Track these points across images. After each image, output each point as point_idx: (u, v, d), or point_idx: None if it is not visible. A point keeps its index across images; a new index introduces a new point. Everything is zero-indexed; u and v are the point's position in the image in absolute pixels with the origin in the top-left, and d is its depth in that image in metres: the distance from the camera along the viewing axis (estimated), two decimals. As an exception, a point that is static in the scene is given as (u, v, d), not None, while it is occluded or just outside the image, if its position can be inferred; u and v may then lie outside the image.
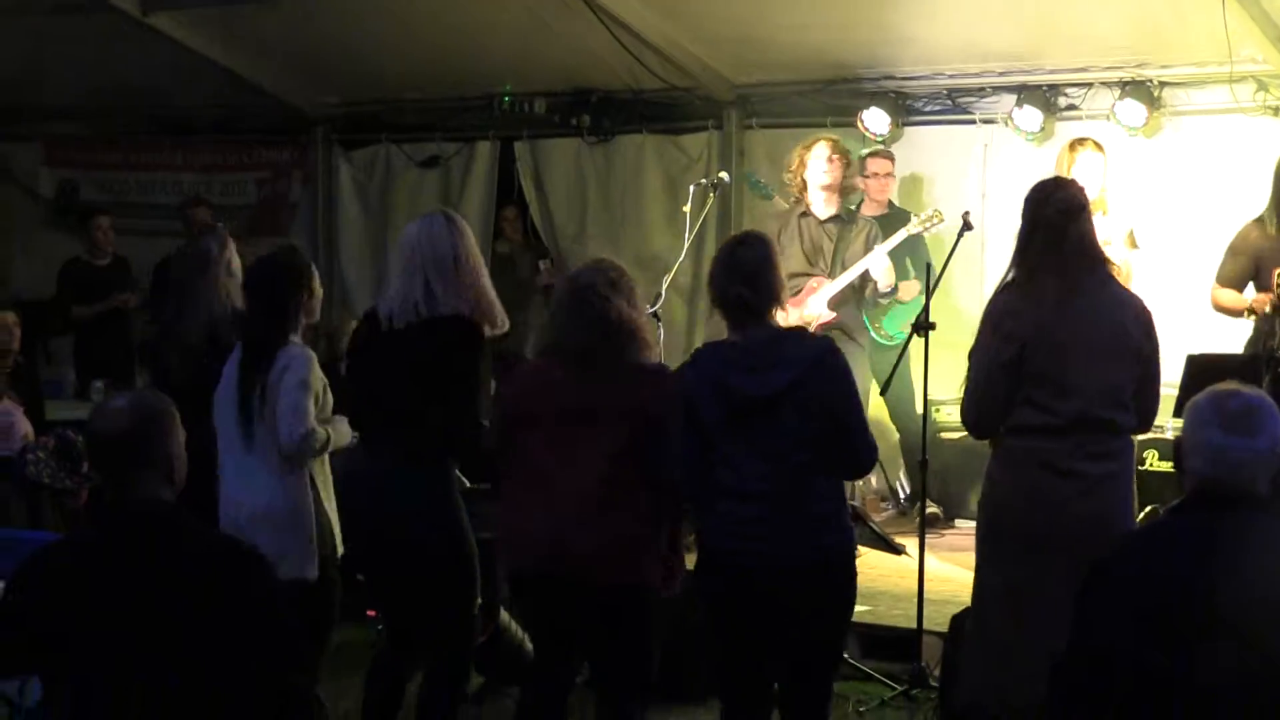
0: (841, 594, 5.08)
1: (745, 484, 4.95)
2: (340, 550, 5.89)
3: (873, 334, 9.11)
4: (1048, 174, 9.18)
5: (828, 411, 4.92)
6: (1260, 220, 7.47)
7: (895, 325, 9.06)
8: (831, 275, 8.45)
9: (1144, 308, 5.45)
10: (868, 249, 8.48)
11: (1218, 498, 3.54)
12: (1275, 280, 7.18)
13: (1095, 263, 5.38)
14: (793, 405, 4.90)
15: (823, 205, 8.58)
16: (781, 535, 4.91)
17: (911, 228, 8.58)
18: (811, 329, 7.88)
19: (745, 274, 5.02)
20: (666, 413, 5.09)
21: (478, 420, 5.56)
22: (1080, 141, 8.24)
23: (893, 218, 9.27)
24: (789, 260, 8.38)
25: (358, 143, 12.23)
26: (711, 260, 5.24)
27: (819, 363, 4.94)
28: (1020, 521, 5.29)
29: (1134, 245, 8.04)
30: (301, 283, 5.91)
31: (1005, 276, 5.51)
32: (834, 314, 8.43)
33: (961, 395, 5.52)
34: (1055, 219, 5.31)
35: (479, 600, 5.83)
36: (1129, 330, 5.30)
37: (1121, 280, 7.34)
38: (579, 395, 5.18)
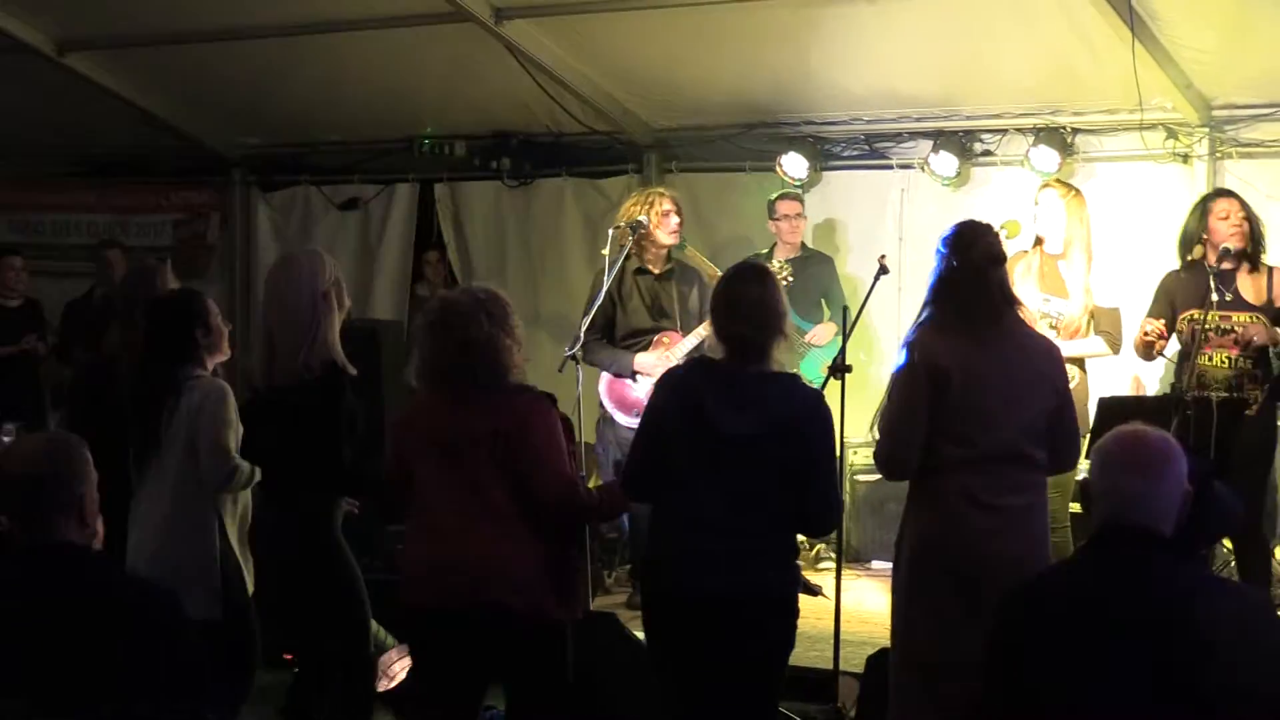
0: (786, 631, 5.12)
1: (706, 516, 4.97)
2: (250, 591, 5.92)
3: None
4: (964, 217, 9.38)
5: (804, 461, 4.96)
6: (1174, 271, 7.60)
7: (812, 370, 9.12)
8: (683, 329, 8.44)
9: (1054, 347, 5.59)
10: (703, 299, 8.38)
11: (1125, 536, 3.60)
12: (1179, 326, 7.32)
13: (1011, 306, 5.47)
14: (771, 449, 4.93)
15: (657, 254, 8.54)
16: (736, 570, 4.93)
17: None
18: None
19: (747, 310, 5.05)
20: (539, 433, 5.12)
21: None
22: (1046, 183, 8.25)
23: (806, 260, 9.35)
24: (636, 318, 8.44)
25: (276, 184, 12.22)
26: (711, 295, 5.27)
27: (810, 416, 4.99)
28: (946, 556, 5.33)
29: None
30: (196, 317, 5.93)
31: (919, 316, 5.57)
32: None
33: (874, 436, 5.58)
34: (980, 263, 5.38)
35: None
36: (1045, 367, 5.39)
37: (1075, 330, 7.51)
38: (452, 423, 5.17)
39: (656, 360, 8.17)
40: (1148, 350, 7.46)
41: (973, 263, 5.38)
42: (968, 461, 5.29)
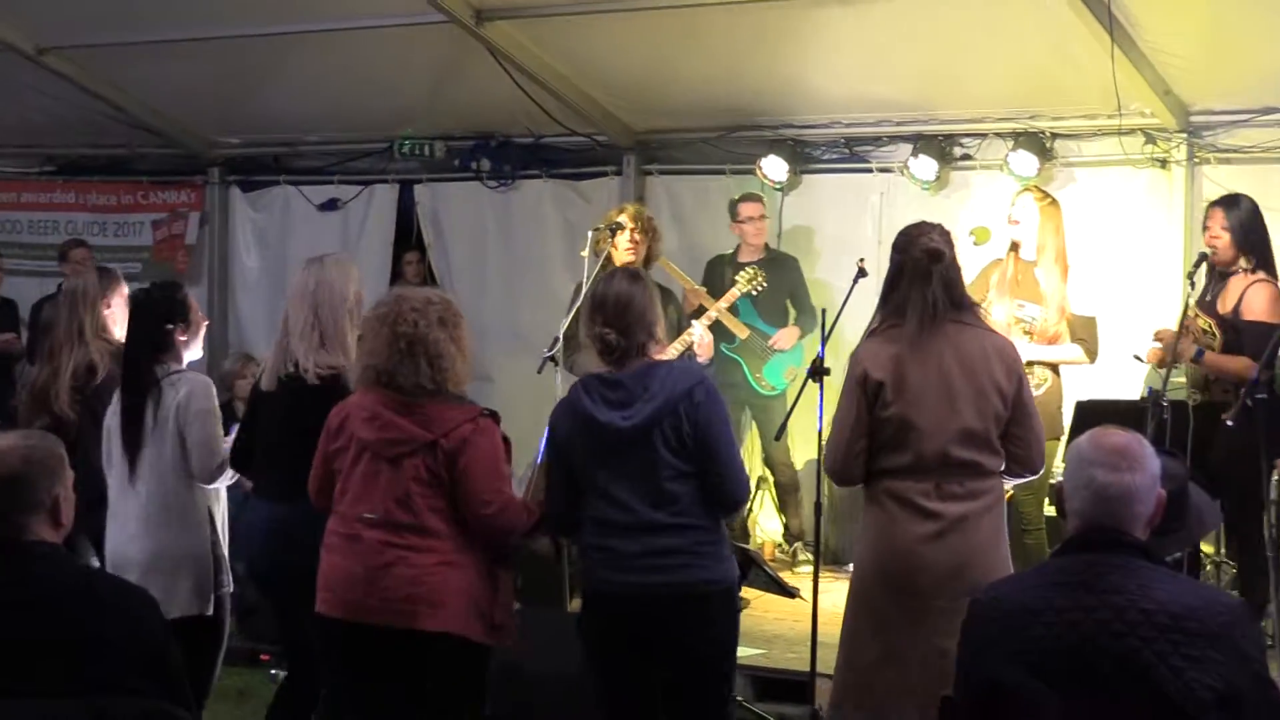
0: (723, 626, 5.10)
1: (621, 518, 4.98)
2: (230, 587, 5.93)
3: (753, 384, 9.17)
4: (942, 221, 9.38)
5: (698, 442, 4.95)
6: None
7: (776, 374, 9.13)
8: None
9: (1008, 349, 5.51)
10: (680, 315, 8.49)
11: (1097, 540, 3.61)
12: (1154, 336, 7.35)
13: (959, 306, 5.45)
14: (662, 437, 4.94)
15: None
16: (659, 568, 4.93)
17: (738, 290, 8.66)
18: None
19: (610, 314, 5.06)
20: (482, 451, 5.04)
21: None
22: (1024, 188, 8.25)
23: (772, 261, 9.34)
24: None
25: (256, 184, 12.18)
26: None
27: (688, 393, 4.96)
28: (884, 561, 5.37)
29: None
30: (175, 312, 5.93)
31: (871, 323, 5.60)
32: None
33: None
34: (920, 262, 5.40)
35: None
36: (990, 370, 5.34)
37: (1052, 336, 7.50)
38: (389, 430, 5.06)
39: None
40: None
41: (913, 259, 5.41)
42: (905, 469, 5.33)
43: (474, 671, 5.13)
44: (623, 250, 8.38)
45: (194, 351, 6.10)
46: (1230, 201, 7.51)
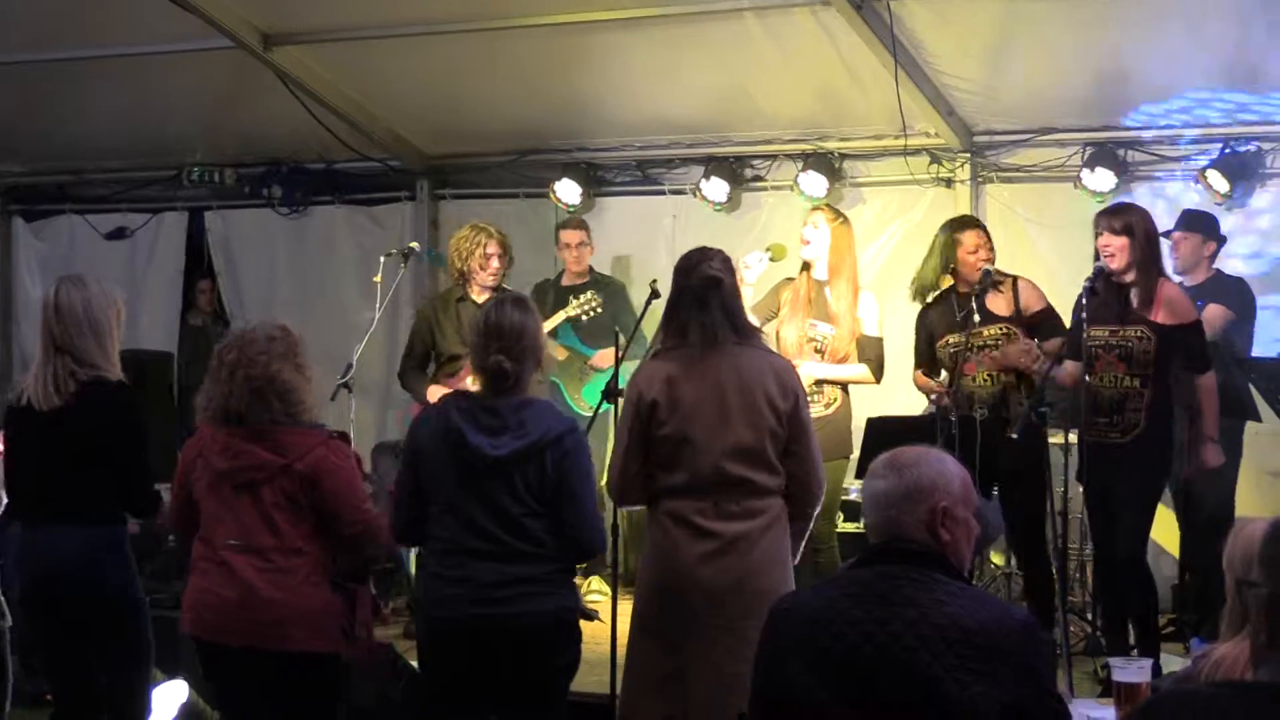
0: (571, 651, 5.13)
1: (478, 544, 4.97)
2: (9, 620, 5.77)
3: (572, 405, 9.15)
4: (735, 241, 9.48)
5: (557, 488, 4.98)
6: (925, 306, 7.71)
7: (595, 394, 9.10)
8: None
9: (786, 369, 5.58)
10: None
11: (892, 551, 3.63)
12: (939, 354, 7.46)
13: (740, 332, 5.50)
14: (523, 474, 4.95)
15: (480, 290, 8.56)
16: (509, 596, 4.94)
17: (569, 311, 8.66)
18: None
19: (506, 340, 5.06)
20: (340, 473, 5.10)
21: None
22: (816, 207, 8.30)
23: (596, 285, 9.32)
24: (450, 343, 8.40)
25: (39, 214, 11.88)
26: (470, 326, 5.25)
27: (559, 439, 5.00)
28: (654, 577, 5.41)
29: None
30: None
31: (653, 346, 5.63)
32: None
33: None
34: (699, 289, 5.45)
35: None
36: (764, 386, 5.38)
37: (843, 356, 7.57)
38: (244, 458, 5.10)
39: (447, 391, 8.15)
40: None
41: (691, 287, 5.47)
42: (682, 488, 5.37)
43: (333, 684, 5.20)
44: (488, 277, 8.48)
45: None
46: (971, 222, 7.74)
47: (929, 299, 7.67)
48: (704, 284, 5.43)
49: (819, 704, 3.52)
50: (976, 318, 7.36)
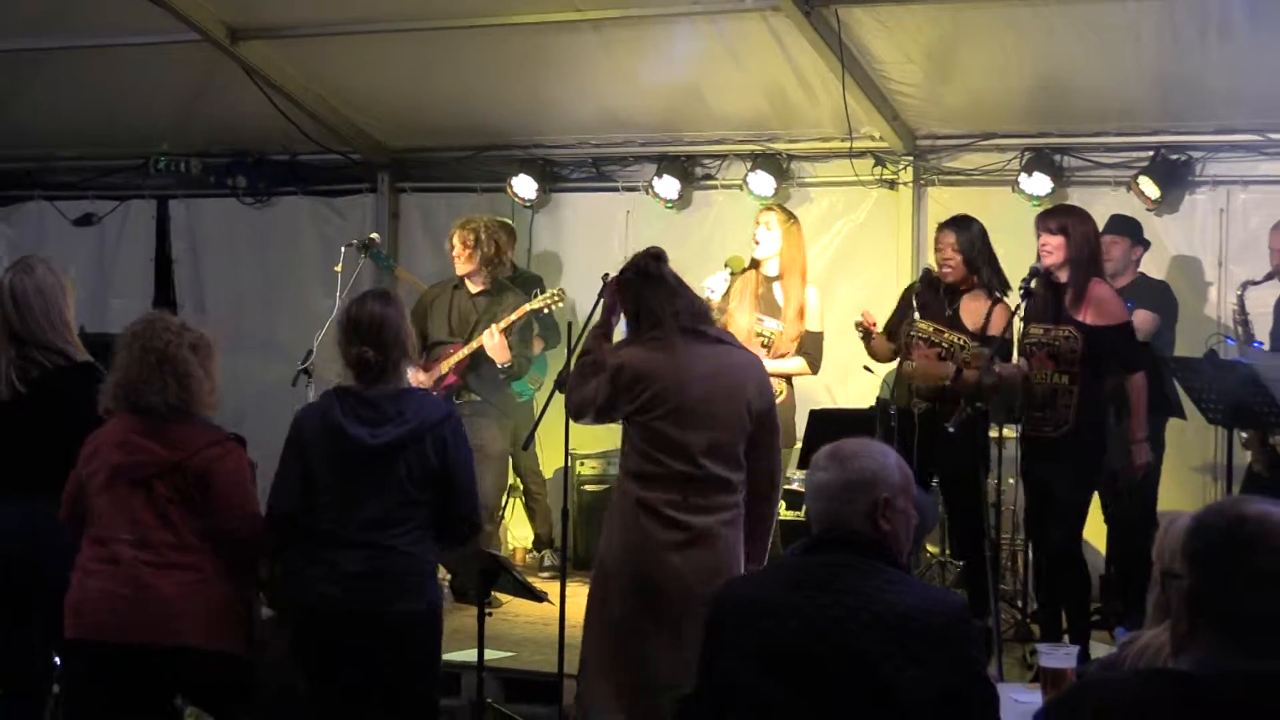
0: (428, 645, 5.09)
1: (348, 534, 4.94)
2: None
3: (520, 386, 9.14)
4: (686, 238, 9.52)
5: (441, 474, 4.95)
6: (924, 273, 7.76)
7: (522, 383, 9.06)
8: (468, 343, 8.48)
9: (757, 366, 5.60)
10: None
11: (833, 540, 3.64)
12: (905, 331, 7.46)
13: (709, 325, 5.51)
14: (405, 462, 4.92)
15: (473, 280, 8.64)
16: (382, 587, 4.91)
17: (531, 305, 8.65)
18: (435, 391, 7.96)
19: (366, 333, 5.02)
20: (230, 474, 4.98)
21: None
22: (768, 208, 8.30)
23: (519, 280, 9.26)
24: (436, 329, 8.42)
25: (9, 199, 11.80)
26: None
27: (436, 426, 4.97)
28: (623, 563, 5.39)
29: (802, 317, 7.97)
30: None
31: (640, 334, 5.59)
32: (456, 378, 8.47)
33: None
34: (673, 279, 5.47)
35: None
36: (743, 389, 5.39)
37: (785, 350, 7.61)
38: (140, 453, 4.97)
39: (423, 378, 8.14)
40: (866, 341, 7.59)
41: (662, 278, 5.46)
42: (652, 477, 5.35)
43: (237, 684, 5.02)
44: (462, 265, 8.59)
45: None
46: (952, 224, 7.65)
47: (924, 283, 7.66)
48: (676, 278, 5.45)
49: (762, 688, 3.54)
50: (948, 313, 7.42)
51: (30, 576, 5.44)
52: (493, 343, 8.35)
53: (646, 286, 5.45)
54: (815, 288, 7.97)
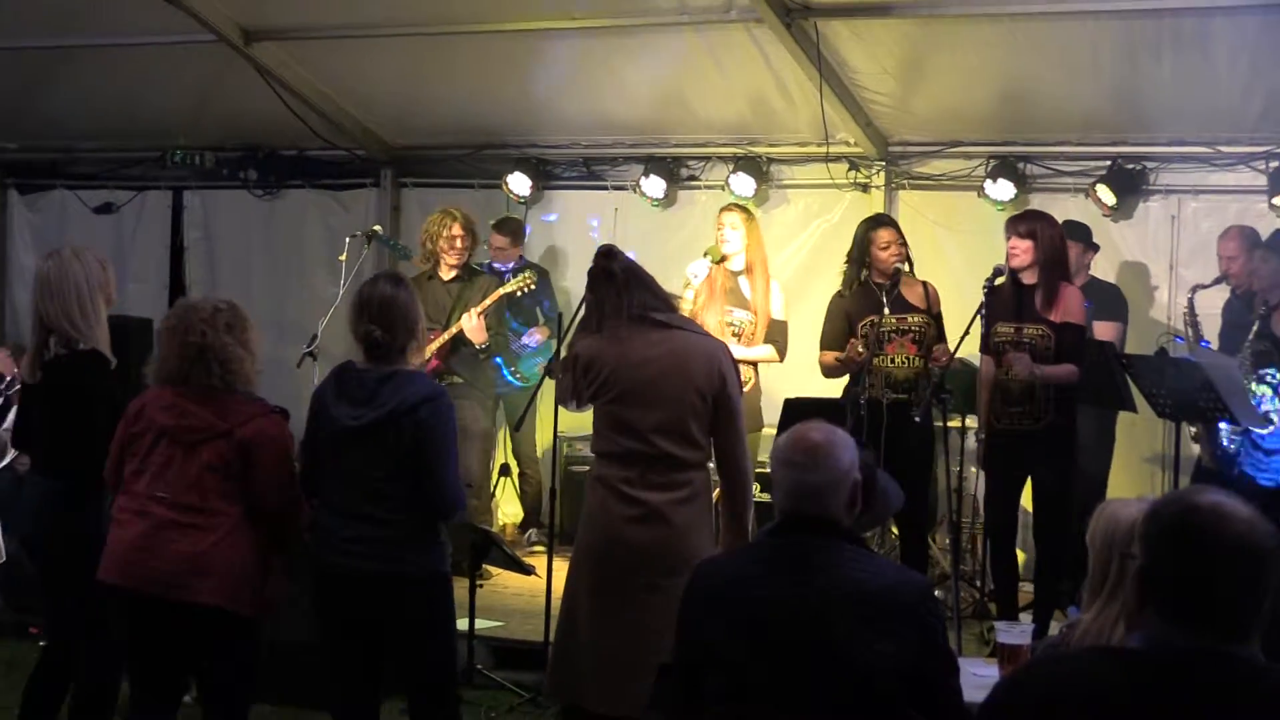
0: (428, 609, 4.99)
1: (344, 503, 4.93)
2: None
3: (510, 378, 9.14)
4: (670, 235, 9.54)
5: (415, 456, 4.88)
6: (839, 293, 7.70)
7: (532, 368, 9.09)
8: (447, 329, 8.49)
9: (715, 352, 5.45)
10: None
11: (800, 522, 3.65)
12: (860, 331, 7.44)
13: (664, 312, 5.41)
14: (382, 443, 4.88)
15: (447, 269, 8.69)
16: (363, 554, 4.87)
17: (505, 289, 8.64)
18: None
19: (375, 312, 4.98)
20: (272, 447, 4.96)
21: None
22: (728, 208, 8.25)
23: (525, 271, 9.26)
24: None
25: (34, 188, 11.80)
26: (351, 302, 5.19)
27: (413, 409, 4.88)
28: (586, 537, 5.38)
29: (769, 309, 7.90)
30: None
31: (585, 324, 5.55)
32: (439, 362, 8.48)
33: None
34: (590, 280, 5.44)
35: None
36: (691, 372, 5.27)
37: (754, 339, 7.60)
38: (184, 417, 4.94)
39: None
40: (846, 368, 7.51)
41: (611, 271, 5.40)
42: (610, 455, 5.33)
43: (245, 645, 4.99)
44: (454, 256, 8.68)
45: None
46: (886, 221, 7.71)
47: (850, 288, 7.63)
48: (625, 270, 5.39)
49: (736, 661, 3.54)
50: (886, 310, 7.39)
51: (59, 547, 5.44)
52: (471, 325, 8.39)
53: (599, 284, 5.42)
54: (776, 280, 7.97)
